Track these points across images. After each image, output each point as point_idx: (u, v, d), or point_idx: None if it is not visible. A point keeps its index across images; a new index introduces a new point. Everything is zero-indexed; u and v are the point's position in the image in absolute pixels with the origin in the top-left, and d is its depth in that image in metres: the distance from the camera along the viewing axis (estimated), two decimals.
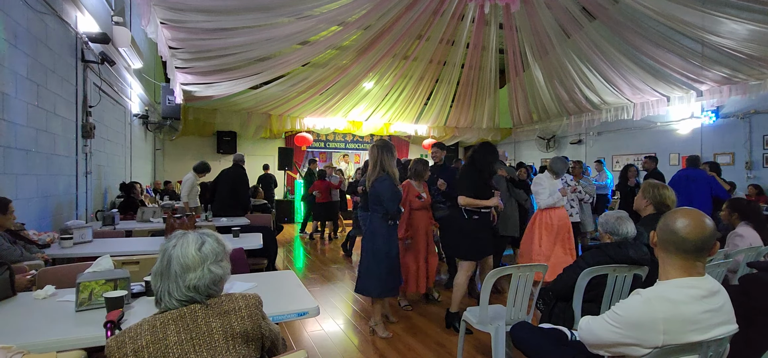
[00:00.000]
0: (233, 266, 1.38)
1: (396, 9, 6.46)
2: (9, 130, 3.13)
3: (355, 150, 12.79)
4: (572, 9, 6.60)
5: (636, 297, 1.43)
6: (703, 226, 1.40)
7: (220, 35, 5.58)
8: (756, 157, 7.54)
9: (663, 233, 1.45)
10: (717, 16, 5.48)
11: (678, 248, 1.42)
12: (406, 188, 4.09)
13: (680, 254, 1.42)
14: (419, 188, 4.18)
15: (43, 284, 2.13)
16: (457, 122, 11.44)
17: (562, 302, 2.48)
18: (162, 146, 10.50)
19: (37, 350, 1.43)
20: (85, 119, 4.61)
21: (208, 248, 1.28)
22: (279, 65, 7.32)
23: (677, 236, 1.41)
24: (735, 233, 3.20)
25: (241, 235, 3.77)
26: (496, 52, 8.52)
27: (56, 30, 3.91)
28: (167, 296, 1.23)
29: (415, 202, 4.12)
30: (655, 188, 2.88)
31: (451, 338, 3.42)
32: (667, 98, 7.93)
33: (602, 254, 2.39)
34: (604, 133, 10.27)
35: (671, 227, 1.43)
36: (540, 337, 2.06)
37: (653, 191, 2.88)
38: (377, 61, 8.12)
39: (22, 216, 3.23)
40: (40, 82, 3.60)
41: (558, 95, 9.36)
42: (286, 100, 9.31)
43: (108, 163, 5.76)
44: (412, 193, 4.13)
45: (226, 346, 1.22)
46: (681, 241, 1.41)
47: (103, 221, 4.46)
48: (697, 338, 1.35)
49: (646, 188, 2.92)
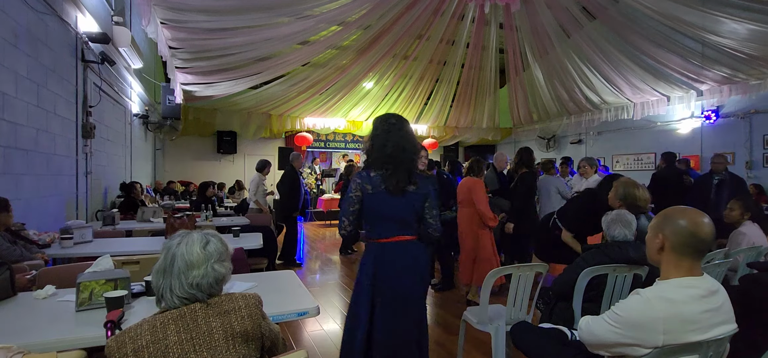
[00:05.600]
0: (233, 265, 1.39)
1: (396, 9, 6.46)
2: (9, 130, 3.13)
3: (355, 150, 12.78)
4: (572, 9, 6.60)
5: (636, 297, 1.43)
6: (711, 224, 1.42)
7: (220, 35, 5.58)
8: (756, 157, 7.54)
9: (680, 237, 1.40)
10: (717, 15, 5.47)
11: (695, 250, 1.41)
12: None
13: (695, 255, 1.42)
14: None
15: (43, 284, 2.13)
16: (457, 122, 11.44)
17: (562, 302, 2.48)
18: (162, 146, 10.50)
19: (37, 350, 1.43)
20: (85, 119, 4.61)
21: (213, 247, 1.30)
22: (279, 65, 7.32)
23: (696, 238, 1.39)
24: (738, 231, 3.20)
25: (241, 235, 3.77)
26: (496, 51, 8.52)
27: (56, 30, 3.91)
28: (169, 293, 1.23)
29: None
30: (626, 187, 2.88)
31: (451, 338, 3.42)
32: (667, 98, 7.93)
33: (602, 254, 2.38)
34: (604, 133, 10.27)
35: (690, 230, 1.39)
36: (540, 337, 2.06)
37: (624, 189, 2.88)
38: (377, 61, 8.12)
39: (22, 216, 3.23)
40: (40, 82, 3.61)
41: (558, 95, 9.36)
42: (286, 100, 9.31)
43: (108, 163, 5.76)
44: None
45: (226, 346, 1.23)
46: (700, 242, 1.40)
47: (104, 221, 4.46)
48: (697, 338, 1.35)
49: (618, 187, 2.91)
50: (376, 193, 2.02)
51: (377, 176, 2.04)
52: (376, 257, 2.03)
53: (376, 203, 2.03)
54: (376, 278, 2.01)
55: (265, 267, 4.48)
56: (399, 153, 2.03)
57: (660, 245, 1.45)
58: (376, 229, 2.06)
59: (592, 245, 2.69)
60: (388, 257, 2.02)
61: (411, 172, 2.06)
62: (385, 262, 2.02)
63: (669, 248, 1.43)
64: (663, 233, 1.44)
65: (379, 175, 2.04)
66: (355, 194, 2.04)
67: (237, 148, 11.12)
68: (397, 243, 2.04)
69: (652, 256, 1.51)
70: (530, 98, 10.17)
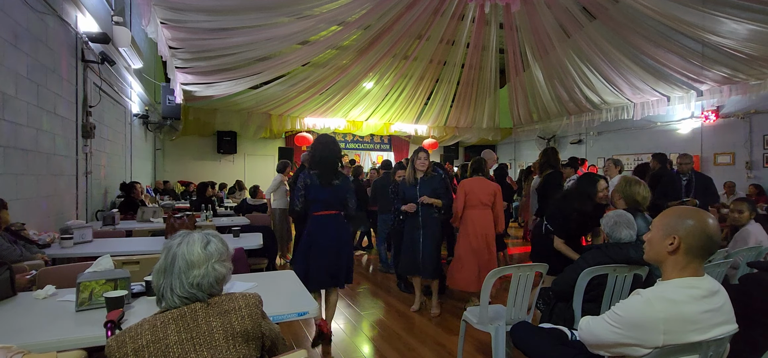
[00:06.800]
0: (233, 265, 1.39)
1: (396, 9, 6.46)
2: (9, 130, 3.13)
3: (355, 150, 12.78)
4: (572, 9, 6.60)
5: (636, 297, 1.43)
6: (717, 224, 1.42)
7: (220, 35, 5.58)
8: (756, 157, 7.54)
9: (696, 239, 1.38)
10: (717, 16, 5.47)
11: (707, 252, 1.41)
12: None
13: (706, 256, 1.42)
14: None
15: (43, 284, 2.13)
16: (457, 122, 11.44)
17: (562, 302, 2.48)
18: (162, 146, 10.50)
19: (37, 350, 1.43)
20: (85, 119, 4.61)
21: (213, 247, 1.30)
22: (279, 65, 7.32)
23: (712, 241, 1.39)
24: (745, 230, 3.21)
25: (241, 235, 3.77)
26: (496, 52, 8.52)
27: (56, 30, 3.91)
28: (169, 292, 1.23)
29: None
30: (629, 184, 2.88)
31: (451, 338, 3.42)
32: (668, 98, 7.93)
33: (603, 254, 2.38)
34: (604, 133, 10.28)
35: (707, 233, 1.38)
36: (540, 337, 2.06)
37: (627, 187, 2.88)
38: (377, 61, 8.12)
39: (22, 216, 3.23)
40: (40, 82, 3.60)
41: (558, 95, 9.36)
42: (286, 100, 9.31)
43: (108, 163, 5.76)
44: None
45: (227, 345, 1.23)
46: (714, 244, 1.41)
47: (103, 221, 4.46)
48: (697, 338, 1.35)
49: (621, 183, 2.94)
50: (313, 185, 3.15)
51: (314, 174, 3.17)
52: (313, 225, 3.21)
53: (313, 191, 3.16)
54: (311, 235, 3.19)
55: (265, 267, 4.48)
56: (326, 160, 3.16)
57: (675, 246, 1.41)
58: (313, 207, 3.21)
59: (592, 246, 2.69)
60: (320, 223, 3.19)
61: (335, 172, 3.19)
62: (318, 226, 3.19)
63: (684, 249, 1.40)
64: (678, 234, 1.40)
65: (315, 173, 3.17)
66: (302, 184, 3.19)
67: (237, 148, 11.13)
68: (325, 215, 3.20)
69: (659, 256, 1.47)
70: (530, 98, 10.17)
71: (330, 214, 3.19)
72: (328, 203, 3.18)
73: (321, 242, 3.15)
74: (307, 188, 3.15)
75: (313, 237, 3.17)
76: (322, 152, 3.17)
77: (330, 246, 3.16)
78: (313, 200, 3.17)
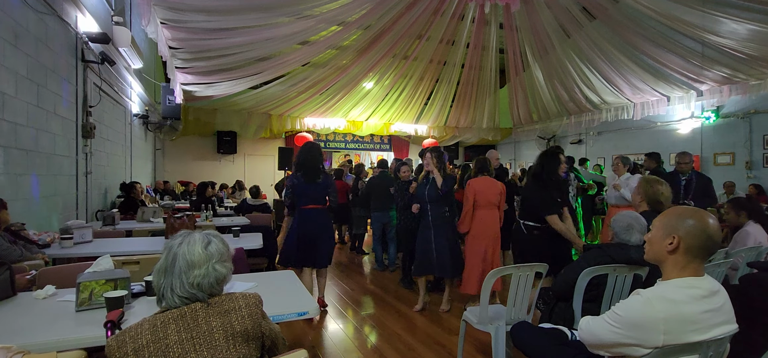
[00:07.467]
0: (233, 265, 1.39)
1: (396, 9, 6.46)
2: (9, 130, 3.13)
3: (355, 150, 12.78)
4: (572, 9, 6.60)
5: (636, 297, 1.43)
6: (717, 224, 1.41)
7: (220, 35, 5.58)
8: (756, 157, 7.54)
9: (696, 239, 1.38)
10: (717, 16, 5.47)
11: (707, 252, 1.41)
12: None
13: (706, 256, 1.42)
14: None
15: (43, 284, 2.13)
16: (457, 122, 11.44)
17: (562, 302, 2.48)
18: (162, 146, 10.50)
19: (37, 350, 1.43)
20: (85, 119, 4.61)
21: (214, 247, 1.30)
22: (279, 65, 7.32)
23: (712, 241, 1.39)
24: (743, 230, 3.20)
25: (241, 235, 3.77)
26: (496, 52, 8.51)
27: (56, 30, 3.91)
28: (170, 292, 1.24)
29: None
30: (650, 184, 2.86)
31: (452, 338, 3.42)
32: (667, 98, 7.92)
33: (603, 254, 2.38)
34: (604, 133, 10.27)
35: (708, 232, 1.38)
36: (540, 337, 2.06)
37: (649, 187, 2.86)
38: (377, 61, 8.11)
39: (22, 216, 3.23)
40: (40, 82, 3.60)
41: (558, 95, 9.35)
42: (286, 100, 9.30)
43: (108, 163, 5.76)
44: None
45: (227, 345, 1.23)
46: (714, 244, 1.41)
47: (104, 221, 4.46)
48: (697, 338, 1.35)
49: (642, 183, 2.92)
50: (300, 183, 3.81)
51: (300, 175, 3.82)
52: (300, 216, 3.84)
53: (299, 189, 3.82)
54: (300, 226, 3.82)
55: (265, 267, 4.48)
56: (309, 162, 3.83)
57: (674, 246, 1.41)
58: (300, 201, 3.84)
59: (591, 245, 2.69)
60: (306, 216, 3.84)
61: (317, 172, 3.84)
62: (305, 219, 3.83)
63: (683, 249, 1.40)
64: (678, 234, 1.41)
65: (301, 174, 3.82)
66: (291, 184, 3.86)
67: (237, 148, 11.12)
68: (311, 209, 3.85)
69: (659, 256, 1.47)
70: (530, 98, 10.17)
71: (315, 208, 3.85)
72: (312, 198, 3.83)
73: (307, 230, 3.80)
74: (294, 187, 3.82)
75: (301, 226, 3.81)
76: (305, 156, 3.84)
77: (314, 233, 3.82)
78: (300, 195, 3.82)
